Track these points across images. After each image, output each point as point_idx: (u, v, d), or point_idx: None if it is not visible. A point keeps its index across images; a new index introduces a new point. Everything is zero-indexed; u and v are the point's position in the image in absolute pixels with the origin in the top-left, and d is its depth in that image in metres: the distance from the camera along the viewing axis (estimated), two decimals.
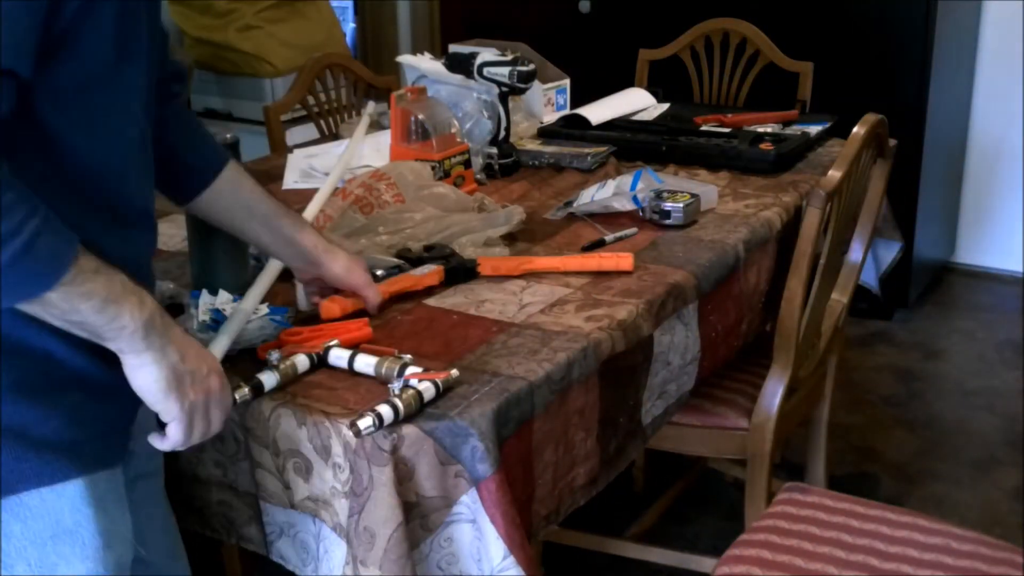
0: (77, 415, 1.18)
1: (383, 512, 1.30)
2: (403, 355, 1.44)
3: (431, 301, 1.70)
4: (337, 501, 1.38)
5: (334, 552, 1.40)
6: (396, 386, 1.36)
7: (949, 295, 4.00)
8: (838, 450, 2.82)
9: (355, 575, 1.32)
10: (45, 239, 1.05)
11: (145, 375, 1.17)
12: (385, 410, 1.31)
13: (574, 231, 2.01)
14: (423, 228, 1.87)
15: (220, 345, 1.42)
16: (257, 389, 1.40)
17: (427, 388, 1.36)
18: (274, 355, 1.45)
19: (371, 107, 2.73)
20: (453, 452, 1.34)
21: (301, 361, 1.46)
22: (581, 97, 2.80)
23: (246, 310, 1.51)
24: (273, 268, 1.62)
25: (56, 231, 1.07)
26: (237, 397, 1.36)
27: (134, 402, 1.22)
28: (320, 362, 1.48)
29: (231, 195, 1.49)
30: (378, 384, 1.41)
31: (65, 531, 1.18)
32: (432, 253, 1.78)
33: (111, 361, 1.17)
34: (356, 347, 1.49)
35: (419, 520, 1.35)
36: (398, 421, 1.32)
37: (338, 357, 1.46)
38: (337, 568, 1.39)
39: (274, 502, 1.47)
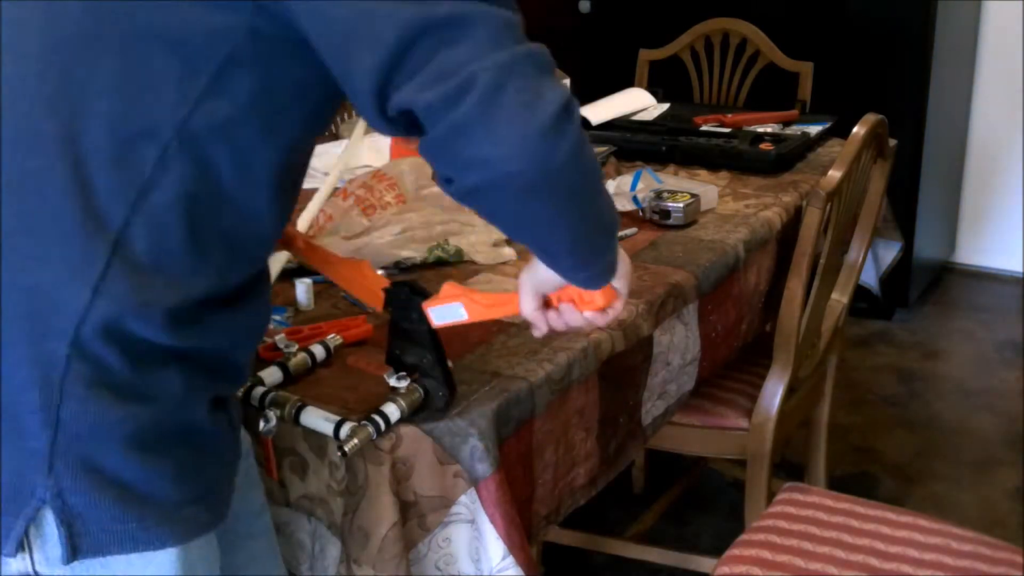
0: (181, 474, 1.06)
1: (377, 511, 1.30)
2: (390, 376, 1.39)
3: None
4: (332, 499, 1.38)
5: (329, 550, 1.40)
6: (400, 383, 1.35)
7: (949, 295, 4.00)
8: (838, 450, 2.81)
9: (349, 574, 1.32)
10: None
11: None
12: (378, 419, 1.30)
13: None
14: (424, 229, 1.87)
15: None
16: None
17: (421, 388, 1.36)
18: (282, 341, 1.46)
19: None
20: (452, 452, 1.34)
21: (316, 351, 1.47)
22: (581, 97, 2.78)
23: None
24: (276, 263, 1.61)
25: None
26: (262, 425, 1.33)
27: (235, 457, 1.16)
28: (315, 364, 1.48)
29: None
30: (380, 382, 1.41)
31: None
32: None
33: (217, 408, 1.10)
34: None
35: (417, 520, 1.35)
36: (391, 426, 1.32)
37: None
38: (331, 566, 1.38)
39: (269, 500, 1.47)
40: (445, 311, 1.29)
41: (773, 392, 2.05)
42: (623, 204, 2.05)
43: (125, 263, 0.99)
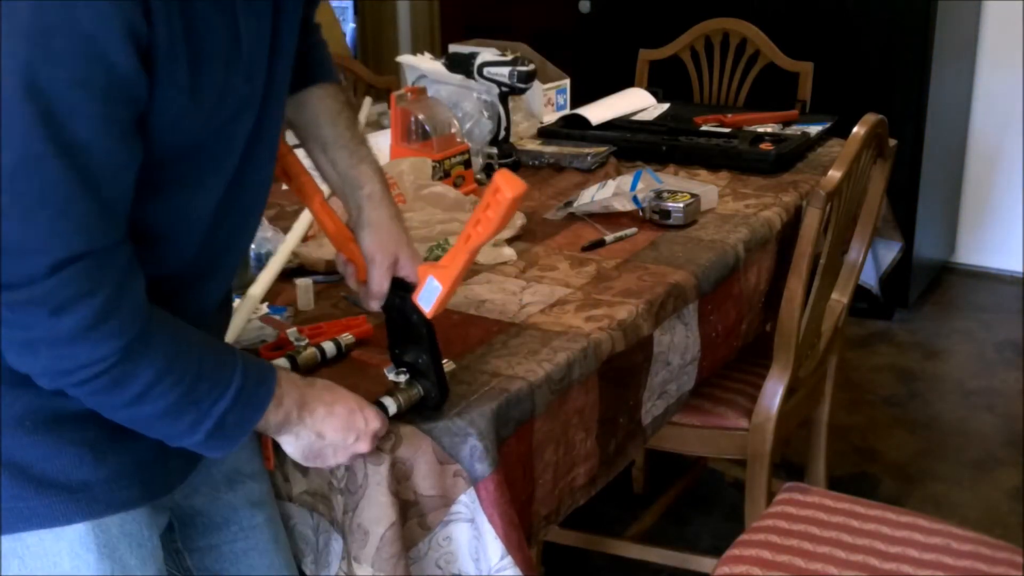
0: (91, 454, 1.11)
1: (376, 510, 1.30)
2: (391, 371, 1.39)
3: None
4: (334, 496, 1.38)
5: (333, 546, 1.40)
6: (399, 378, 1.36)
7: (949, 295, 4.00)
8: (838, 450, 2.81)
9: (349, 572, 1.32)
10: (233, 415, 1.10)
11: (286, 447, 1.21)
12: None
13: (574, 231, 2.01)
14: (424, 229, 1.87)
15: (228, 337, 1.42)
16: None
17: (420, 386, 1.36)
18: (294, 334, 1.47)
19: (367, 105, 2.72)
20: (452, 451, 1.34)
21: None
22: (581, 97, 2.80)
23: (255, 296, 1.51)
24: (277, 260, 1.61)
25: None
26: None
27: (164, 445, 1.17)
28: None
29: (310, 111, 1.37)
30: (382, 379, 1.41)
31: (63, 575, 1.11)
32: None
33: None
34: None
35: (417, 519, 1.35)
36: (388, 418, 1.32)
37: None
38: (335, 562, 1.39)
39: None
40: (427, 293, 1.30)
41: (773, 392, 2.04)
42: (623, 204, 2.05)
43: None
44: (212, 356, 1.11)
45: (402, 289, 1.34)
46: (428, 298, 1.31)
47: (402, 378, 1.34)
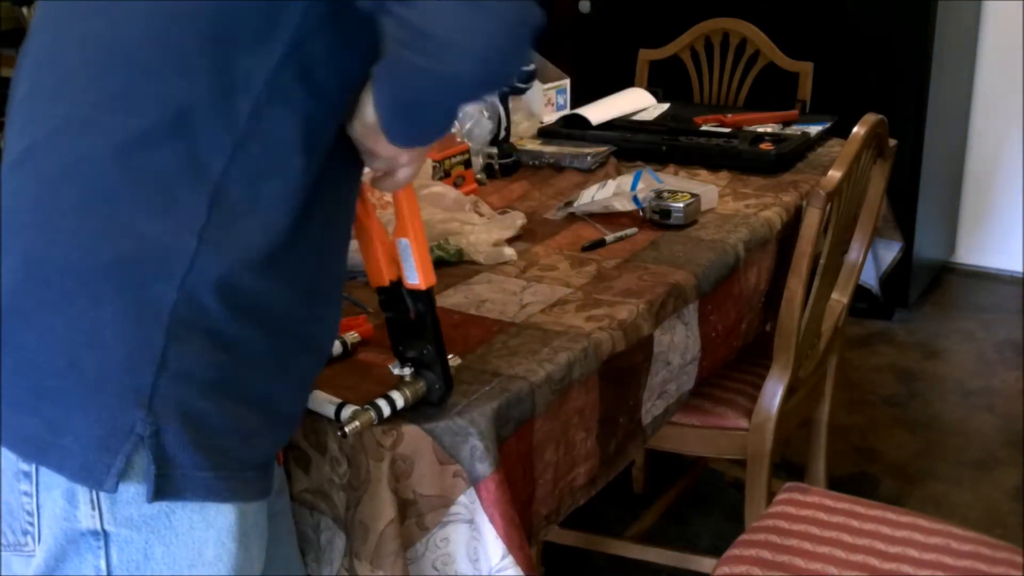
0: (252, 435, 1.12)
1: (377, 507, 1.30)
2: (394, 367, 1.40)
3: None
4: (336, 494, 1.38)
5: (336, 543, 1.40)
6: (404, 372, 1.36)
7: (949, 295, 4.00)
8: (838, 450, 2.81)
9: (351, 569, 1.32)
10: None
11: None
12: (382, 404, 1.31)
13: (574, 231, 2.01)
14: (425, 229, 1.87)
15: None
16: None
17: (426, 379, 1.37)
18: None
19: None
20: (452, 451, 1.34)
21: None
22: (581, 97, 2.80)
23: None
24: None
25: None
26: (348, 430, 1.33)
27: (284, 441, 1.21)
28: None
29: None
30: (382, 377, 1.41)
31: (205, 563, 1.11)
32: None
33: (296, 387, 1.17)
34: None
35: (415, 519, 1.35)
36: (396, 412, 1.33)
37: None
38: (338, 559, 1.39)
39: None
40: (407, 266, 1.31)
41: (773, 392, 2.05)
42: (623, 204, 2.05)
43: (224, 211, 1.05)
44: None
45: (394, 282, 1.35)
46: (410, 271, 1.31)
47: (407, 372, 1.35)
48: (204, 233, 1.04)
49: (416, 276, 1.31)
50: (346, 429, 1.28)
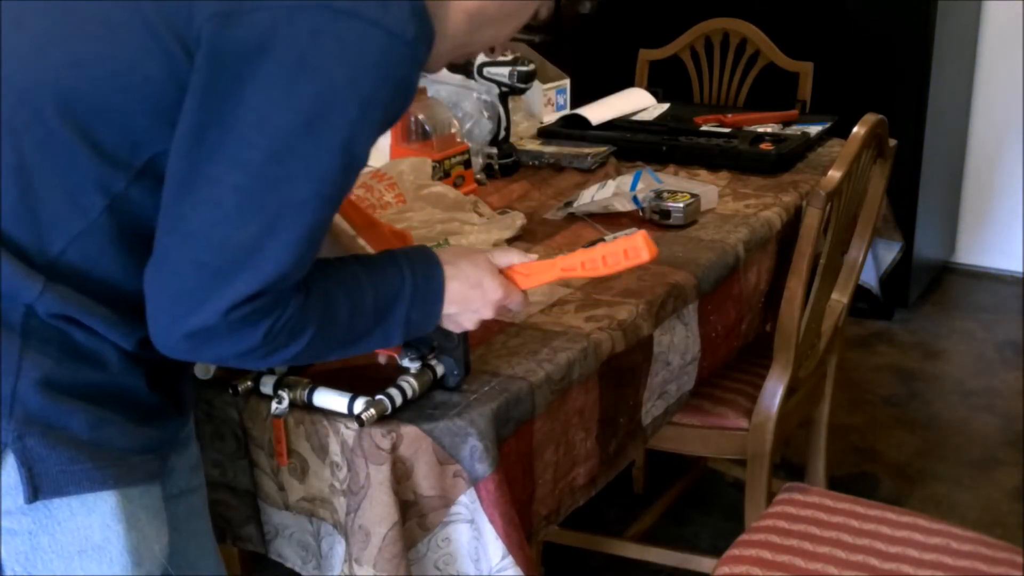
0: (130, 426, 1.17)
1: (379, 511, 1.30)
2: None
3: None
4: (336, 499, 1.38)
5: (336, 549, 1.40)
6: (412, 365, 1.37)
7: (949, 295, 4.00)
8: (838, 450, 2.81)
9: (351, 574, 1.32)
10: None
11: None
12: (394, 393, 1.33)
13: (574, 231, 2.01)
14: (424, 229, 1.87)
15: None
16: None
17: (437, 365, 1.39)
18: None
19: None
20: (452, 452, 1.34)
21: None
22: (581, 97, 2.80)
23: None
24: None
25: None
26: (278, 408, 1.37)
27: (176, 432, 1.27)
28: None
29: None
30: (387, 370, 1.41)
31: (93, 547, 1.15)
32: None
33: (158, 385, 1.20)
34: None
35: (416, 519, 1.35)
36: (408, 401, 1.34)
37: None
38: (338, 565, 1.39)
39: (269, 503, 1.47)
40: None
41: (773, 392, 2.05)
42: (623, 204, 2.05)
43: (61, 281, 1.10)
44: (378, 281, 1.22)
45: None
46: None
47: (415, 364, 1.37)
48: (44, 290, 1.09)
49: None
50: (363, 417, 1.30)
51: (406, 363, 1.38)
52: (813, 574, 1.58)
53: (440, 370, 1.39)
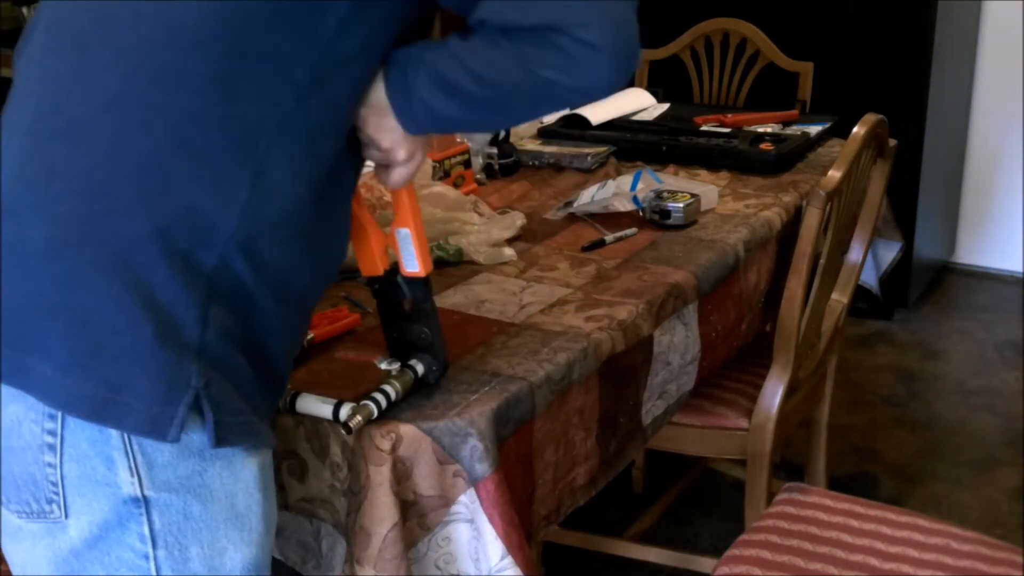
0: (267, 391, 1.20)
1: (379, 511, 1.30)
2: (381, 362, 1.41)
3: None
4: (336, 499, 1.38)
5: (337, 549, 1.40)
6: (392, 367, 1.37)
7: (949, 295, 4.00)
8: (838, 450, 2.82)
9: (352, 574, 1.32)
10: None
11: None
12: (379, 397, 1.32)
13: (574, 231, 2.01)
14: (425, 228, 1.87)
15: None
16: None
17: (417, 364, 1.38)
18: None
19: None
20: (452, 452, 1.34)
21: None
22: None
23: None
24: None
25: None
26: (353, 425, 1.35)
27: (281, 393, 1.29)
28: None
29: None
30: (369, 371, 1.41)
31: (237, 515, 1.17)
32: None
33: (292, 347, 1.24)
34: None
35: (416, 519, 1.35)
36: (392, 404, 1.34)
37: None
38: (338, 565, 1.39)
39: None
40: (406, 254, 1.34)
41: (773, 392, 2.05)
42: (623, 204, 2.05)
43: (263, 187, 1.11)
44: None
45: (389, 272, 1.37)
46: (409, 258, 1.34)
47: (395, 366, 1.37)
48: (246, 207, 1.10)
49: (416, 264, 1.34)
50: (350, 424, 1.29)
51: (384, 366, 1.37)
52: (813, 574, 1.58)
53: (420, 368, 1.38)
